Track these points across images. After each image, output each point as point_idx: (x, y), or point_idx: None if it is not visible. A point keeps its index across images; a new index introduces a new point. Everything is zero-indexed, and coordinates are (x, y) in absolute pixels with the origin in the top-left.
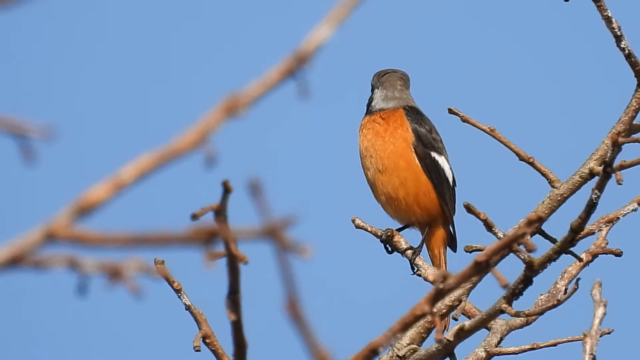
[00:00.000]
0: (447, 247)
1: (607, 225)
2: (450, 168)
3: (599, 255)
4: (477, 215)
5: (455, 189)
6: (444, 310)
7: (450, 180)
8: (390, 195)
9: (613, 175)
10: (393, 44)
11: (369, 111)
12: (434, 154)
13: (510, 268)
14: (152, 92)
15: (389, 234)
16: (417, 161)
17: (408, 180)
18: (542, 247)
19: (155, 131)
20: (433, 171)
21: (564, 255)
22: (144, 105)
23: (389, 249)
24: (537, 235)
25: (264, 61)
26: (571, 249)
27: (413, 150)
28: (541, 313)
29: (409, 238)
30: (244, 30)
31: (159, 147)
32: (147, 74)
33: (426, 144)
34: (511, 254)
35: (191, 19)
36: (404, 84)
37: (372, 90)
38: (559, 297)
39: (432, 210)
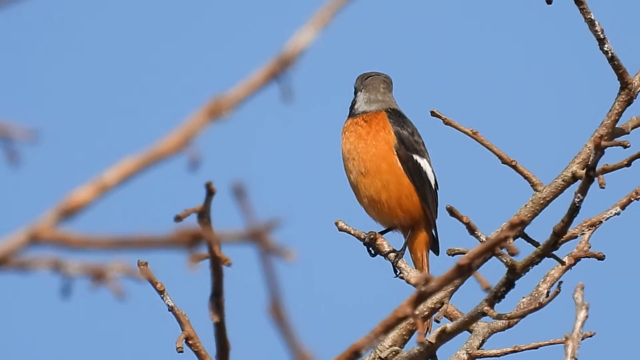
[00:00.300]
0: (430, 250)
1: (589, 229)
2: (433, 171)
3: (582, 259)
4: (459, 218)
5: (438, 192)
6: (426, 313)
7: (433, 183)
8: (373, 198)
9: (596, 178)
10: (377, 46)
11: (352, 114)
12: (416, 157)
13: (493, 271)
14: (136, 95)
15: (371, 236)
16: (399, 164)
17: (390, 182)
18: (524, 251)
19: (139, 134)
20: (415, 174)
21: (546, 259)
22: (128, 108)
23: (372, 251)
24: (520, 238)
25: (247, 64)
26: (554, 252)
27: (395, 152)
28: (523, 316)
29: (391, 241)
30: (228, 34)
31: (142, 149)
32: (130, 77)
33: (408, 147)
34: (493, 257)
35: (176, 23)
36: (386, 87)
37: (355, 93)
38: (541, 300)
39: (415, 213)
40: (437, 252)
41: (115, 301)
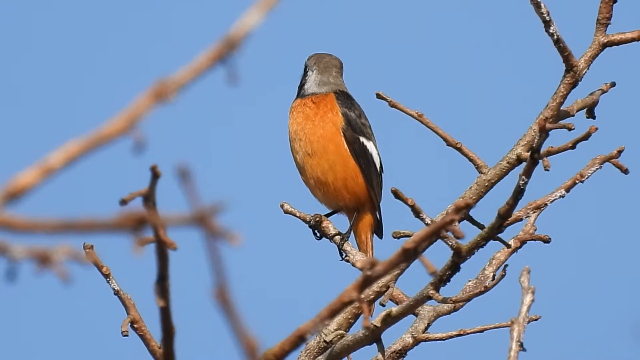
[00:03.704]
0: (374, 233)
1: (535, 212)
2: (378, 154)
3: (527, 242)
4: (404, 201)
5: (382, 175)
6: (372, 296)
7: (378, 166)
8: (320, 179)
9: (540, 161)
10: (323, 29)
11: (301, 94)
12: (362, 139)
13: (438, 254)
14: (81, 78)
15: (317, 219)
16: (345, 145)
17: (337, 164)
18: (470, 234)
19: (85, 117)
20: (361, 156)
21: (492, 242)
22: (73, 90)
23: (318, 234)
24: (465, 221)
25: (193, 47)
26: (499, 235)
27: (342, 134)
28: (469, 299)
29: (337, 224)
30: (174, 17)
31: (87, 132)
32: (75, 60)
33: (355, 129)
34: (439, 240)
35: (121, 6)
36: (338, 70)
37: (305, 71)
38: (487, 284)
39: (360, 195)
40: (380, 235)
41: (60, 285)
